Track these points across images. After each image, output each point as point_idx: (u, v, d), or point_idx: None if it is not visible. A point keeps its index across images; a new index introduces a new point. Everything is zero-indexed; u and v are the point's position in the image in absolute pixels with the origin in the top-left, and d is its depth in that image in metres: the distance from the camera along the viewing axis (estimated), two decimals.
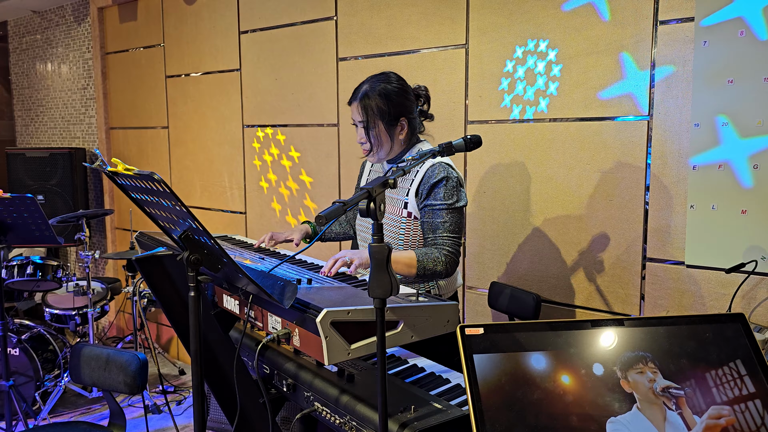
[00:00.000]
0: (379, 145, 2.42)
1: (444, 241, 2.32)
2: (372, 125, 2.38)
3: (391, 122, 2.40)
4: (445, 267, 2.30)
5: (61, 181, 5.54)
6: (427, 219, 2.36)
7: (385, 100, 2.37)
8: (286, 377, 2.13)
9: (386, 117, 2.38)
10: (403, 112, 2.42)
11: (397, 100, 2.40)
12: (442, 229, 2.33)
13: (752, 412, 1.39)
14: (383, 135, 2.40)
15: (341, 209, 1.57)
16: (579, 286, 3.05)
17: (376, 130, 2.39)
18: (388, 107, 2.38)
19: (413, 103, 2.47)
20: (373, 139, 2.40)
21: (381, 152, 2.44)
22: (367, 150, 2.44)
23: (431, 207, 2.34)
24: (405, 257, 2.25)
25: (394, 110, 2.39)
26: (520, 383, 1.42)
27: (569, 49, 2.97)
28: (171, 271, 2.35)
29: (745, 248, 2.55)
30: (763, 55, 2.46)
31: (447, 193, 2.33)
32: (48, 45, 6.11)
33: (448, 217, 2.33)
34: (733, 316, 1.51)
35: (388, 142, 2.42)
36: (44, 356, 4.44)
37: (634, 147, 2.84)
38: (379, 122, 2.38)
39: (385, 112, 2.38)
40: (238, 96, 4.53)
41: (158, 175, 1.55)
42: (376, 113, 2.37)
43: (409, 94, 2.45)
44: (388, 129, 2.40)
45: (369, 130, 2.39)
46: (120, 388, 2.80)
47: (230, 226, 4.75)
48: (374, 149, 2.42)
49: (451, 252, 2.32)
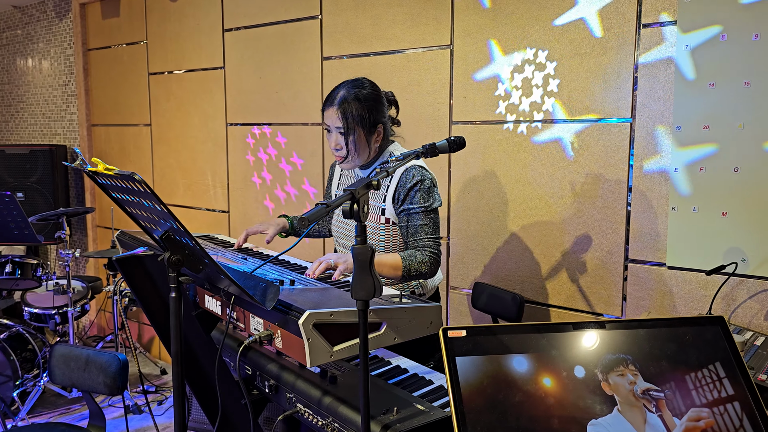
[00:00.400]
0: (357, 152, 2.39)
1: (426, 243, 2.35)
2: (351, 131, 2.35)
3: (370, 129, 2.38)
4: (429, 268, 2.33)
5: (41, 179, 5.48)
6: (405, 223, 2.38)
7: (364, 107, 2.35)
8: (269, 378, 2.12)
9: (366, 124, 2.36)
10: (379, 120, 2.40)
11: (375, 107, 2.39)
12: (422, 232, 2.35)
13: (731, 415, 1.40)
14: (362, 142, 2.38)
15: (324, 211, 1.57)
16: (562, 287, 3.07)
17: (355, 137, 2.36)
18: (368, 114, 2.36)
19: (386, 108, 2.47)
20: (352, 146, 2.37)
21: (357, 159, 2.42)
22: (343, 156, 2.40)
23: (408, 211, 2.36)
24: (391, 261, 2.27)
25: (372, 117, 2.37)
26: (502, 385, 1.42)
27: (554, 52, 2.98)
28: (152, 271, 2.34)
29: (726, 250, 2.57)
30: (743, 59, 2.48)
31: (423, 196, 2.35)
32: (29, 40, 6.05)
33: (427, 219, 2.36)
34: (713, 319, 1.52)
35: (366, 149, 2.41)
36: (23, 356, 4.39)
37: (616, 149, 2.85)
38: (359, 129, 2.36)
39: (365, 119, 2.35)
40: (222, 94, 4.51)
41: (139, 175, 1.53)
42: (356, 120, 2.34)
43: (383, 99, 2.44)
44: (367, 136, 2.39)
45: (348, 137, 2.35)
46: (100, 389, 2.78)
47: (213, 225, 4.72)
48: (351, 156, 2.39)
49: (434, 253, 2.34)
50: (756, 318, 2.55)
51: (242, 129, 4.40)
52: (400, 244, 2.45)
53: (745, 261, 2.53)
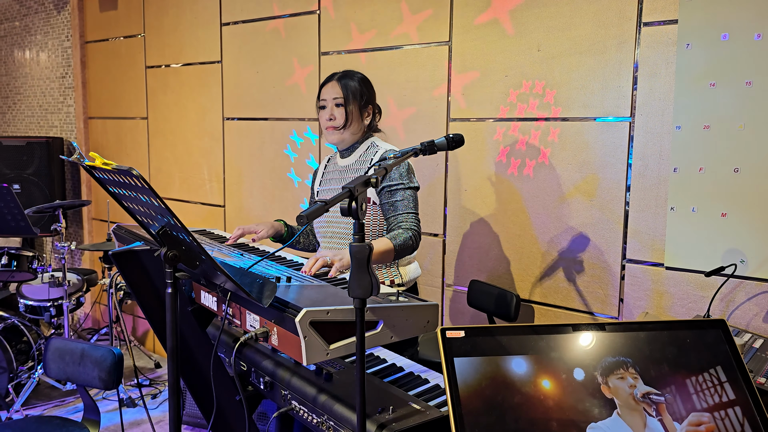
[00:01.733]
0: (351, 122, 2.55)
1: (407, 219, 2.45)
2: (348, 102, 2.54)
3: (364, 106, 2.58)
4: (414, 241, 2.42)
5: (37, 171, 5.45)
6: (387, 200, 2.49)
7: (362, 86, 2.58)
8: (264, 375, 2.10)
9: (360, 99, 2.56)
10: (371, 102, 2.62)
11: (370, 90, 2.63)
12: (402, 207, 2.47)
13: (732, 420, 1.39)
14: (356, 115, 2.56)
15: (323, 208, 1.55)
16: (558, 286, 3.06)
17: (351, 108, 2.55)
18: (364, 91, 2.58)
19: (375, 100, 2.67)
20: (350, 115, 2.54)
21: (350, 130, 2.56)
22: (335, 126, 2.55)
23: (389, 188, 2.48)
24: (383, 247, 2.32)
25: (367, 96, 2.59)
26: (501, 387, 1.41)
27: (552, 49, 2.97)
28: (148, 266, 2.32)
29: (725, 251, 2.56)
30: (745, 59, 2.47)
31: (401, 174, 2.48)
32: (26, 32, 6.01)
33: (407, 194, 2.48)
34: (714, 322, 1.51)
35: (358, 122, 2.57)
36: (18, 347, 4.37)
37: (615, 148, 2.84)
38: (355, 102, 2.55)
39: (361, 95, 2.56)
40: (219, 88, 4.48)
41: (137, 170, 1.52)
42: (354, 93, 2.55)
43: (373, 90, 2.66)
44: (361, 111, 2.57)
45: (346, 107, 2.54)
46: (95, 383, 2.76)
47: (209, 219, 4.70)
48: (346, 125, 2.55)
49: (416, 228, 2.44)
50: (755, 320, 2.55)
51: (238, 123, 4.38)
52: (381, 223, 2.55)
53: (744, 262, 2.52)
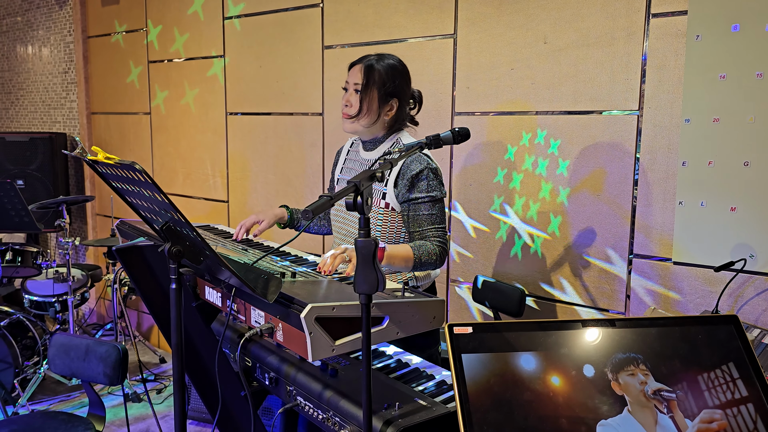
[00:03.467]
0: (365, 112, 2.37)
1: (434, 233, 2.31)
2: (367, 91, 2.35)
3: (384, 97, 2.37)
4: (439, 258, 2.29)
5: (41, 166, 5.44)
6: (412, 213, 2.33)
7: (388, 74, 2.36)
8: (269, 370, 2.09)
9: (382, 89, 2.36)
10: (397, 94, 2.39)
11: (399, 80, 2.39)
12: (429, 221, 2.31)
13: (744, 417, 1.37)
14: (373, 105, 2.36)
15: (328, 203, 1.54)
16: (564, 281, 3.04)
17: (368, 97, 2.35)
18: (388, 81, 2.36)
19: (409, 96, 2.45)
20: (364, 104, 2.35)
21: (363, 120, 2.39)
22: (350, 114, 2.39)
23: (415, 201, 2.32)
24: (402, 253, 2.22)
25: (391, 87, 2.37)
26: (510, 384, 1.39)
27: (559, 41, 2.94)
28: (152, 262, 2.31)
29: (734, 246, 2.54)
30: (756, 51, 2.44)
31: (429, 185, 2.32)
32: (29, 27, 5.99)
33: (434, 209, 2.32)
34: (726, 318, 1.49)
35: (374, 113, 2.38)
36: (23, 343, 4.37)
37: (623, 142, 2.82)
38: (375, 91, 2.35)
39: (383, 84, 2.35)
40: (222, 83, 4.46)
41: (139, 165, 1.50)
42: (376, 80, 2.35)
43: (409, 82, 2.44)
44: (380, 102, 2.37)
45: (363, 94, 2.35)
46: (100, 379, 2.75)
47: (212, 215, 4.69)
48: (360, 114, 2.37)
49: (443, 243, 2.31)
50: (763, 315, 2.52)
51: (241, 118, 4.36)
52: (398, 231, 2.40)
53: (754, 257, 2.50)
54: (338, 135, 3.82)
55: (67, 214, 4.35)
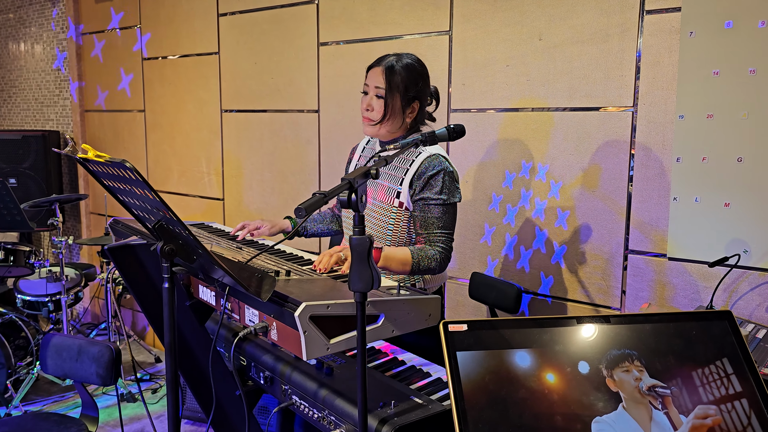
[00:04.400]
0: (389, 118, 2.31)
1: (438, 238, 2.28)
2: (390, 96, 2.29)
3: (408, 101, 2.32)
4: (439, 264, 2.26)
5: (34, 165, 5.41)
6: (421, 213, 2.30)
7: (410, 77, 2.30)
8: (264, 369, 2.08)
9: (405, 93, 2.30)
10: (419, 96, 2.35)
11: (420, 82, 2.34)
12: (436, 225, 2.28)
13: (739, 412, 1.37)
14: (396, 110, 2.31)
15: (321, 201, 1.53)
16: (560, 278, 3.03)
17: (391, 102, 2.29)
18: (411, 85, 2.31)
19: (427, 95, 2.41)
20: (388, 109, 2.29)
21: (386, 126, 2.33)
22: (372, 119, 2.33)
23: (426, 201, 2.28)
24: (400, 255, 2.19)
25: (414, 90, 2.32)
26: (504, 381, 1.38)
27: (554, 38, 2.94)
28: (145, 261, 2.30)
29: (728, 241, 2.54)
30: (749, 47, 2.44)
31: (443, 188, 2.27)
32: (21, 24, 5.96)
33: (443, 213, 2.28)
34: (720, 314, 1.49)
35: (398, 119, 2.33)
36: (16, 343, 4.35)
37: (617, 138, 2.81)
38: (398, 96, 2.30)
39: (407, 88, 2.30)
40: (217, 80, 4.45)
41: (130, 163, 1.49)
42: (398, 85, 2.29)
43: (429, 82, 2.39)
44: (403, 106, 2.32)
45: (386, 100, 2.29)
46: (92, 380, 2.74)
47: (208, 213, 4.68)
48: (383, 120, 2.31)
49: (446, 249, 2.27)
50: (758, 310, 2.53)
51: (236, 116, 4.35)
52: (407, 230, 2.37)
53: (748, 252, 2.50)
54: (334, 132, 3.81)
55: (61, 212, 4.33)
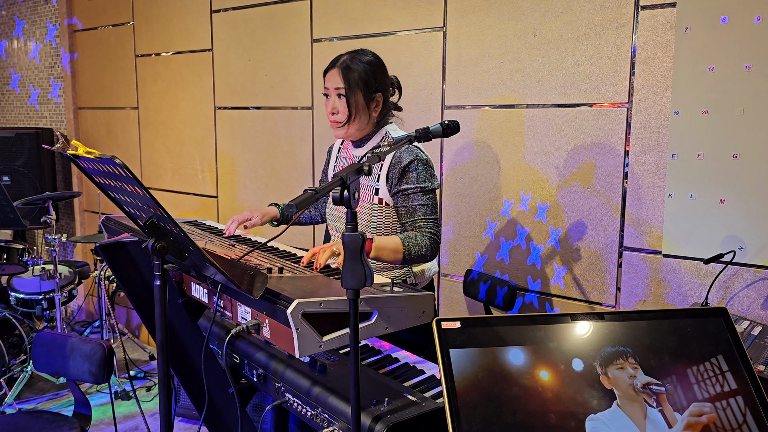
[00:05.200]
0: (355, 116, 2.32)
1: (424, 224, 2.27)
2: (351, 93, 2.29)
3: (369, 95, 2.32)
4: (430, 250, 2.24)
5: (27, 162, 5.39)
6: (403, 204, 2.29)
7: (367, 71, 2.31)
8: (257, 367, 2.07)
9: (366, 89, 2.31)
10: (380, 89, 2.35)
11: (378, 75, 2.34)
12: (420, 212, 2.27)
13: (734, 410, 1.36)
14: (360, 106, 2.32)
15: (312, 197, 1.51)
16: (555, 275, 3.03)
17: (354, 100, 2.30)
18: (370, 79, 2.31)
19: (388, 86, 2.41)
20: (352, 109, 2.30)
21: (354, 124, 2.34)
22: (339, 121, 2.33)
23: (405, 192, 2.28)
24: (391, 244, 2.17)
25: (373, 83, 2.32)
26: (498, 379, 1.37)
27: (548, 34, 2.92)
28: (137, 258, 2.28)
29: (723, 238, 2.53)
30: (744, 43, 2.43)
31: (420, 176, 2.28)
32: (14, 21, 5.93)
33: (425, 200, 2.28)
34: (715, 311, 1.48)
35: (364, 116, 2.34)
36: (10, 341, 4.33)
37: (612, 135, 2.80)
38: (359, 92, 2.30)
39: (366, 84, 2.30)
40: (210, 77, 4.42)
41: (119, 159, 1.47)
42: (357, 82, 2.29)
43: (387, 73, 2.39)
44: (366, 101, 2.33)
45: (348, 99, 2.29)
46: (85, 378, 2.72)
47: (202, 211, 4.66)
48: (349, 120, 2.32)
49: (434, 234, 2.26)
50: (753, 307, 2.52)
51: (230, 113, 4.33)
52: (392, 226, 2.37)
53: (743, 249, 2.49)
54: (328, 129, 3.79)
55: (54, 210, 4.30)
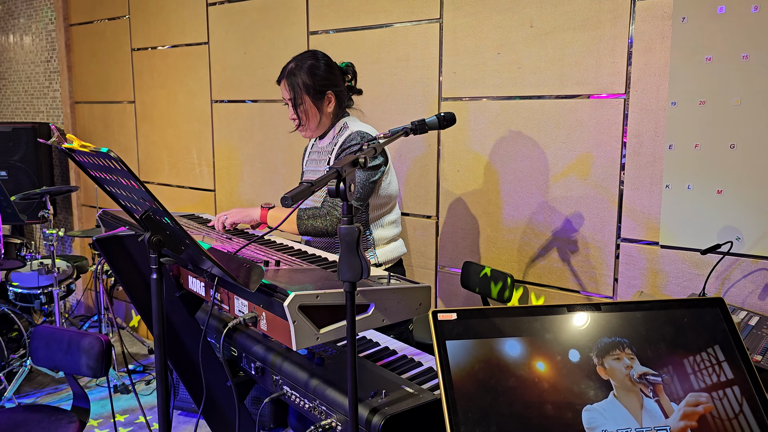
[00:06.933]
0: (307, 120, 2.50)
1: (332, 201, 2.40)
2: (300, 101, 2.47)
3: (317, 96, 2.48)
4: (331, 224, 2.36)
5: (24, 157, 5.38)
6: None
7: (310, 75, 2.46)
8: (255, 360, 2.07)
9: (311, 91, 2.46)
10: (328, 86, 2.50)
11: (322, 75, 2.48)
12: None
13: (730, 399, 1.36)
14: (311, 109, 2.49)
15: (308, 190, 1.51)
16: (552, 266, 3.03)
17: (303, 105, 2.48)
18: (313, 81, 2.46)
19: (340, 78, 2.55)
20: (302, 114, 2.48)
21: (310, 126, 2.52)
22: (301, 127, 2.52)
23: None
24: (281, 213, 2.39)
25: (319, 84, 2.47)
26: (494, 370, 1.37)
27: (545, 25, 2.91)
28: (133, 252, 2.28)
29: (720, 228, 2.53)
30: (742, 33, 2.42)
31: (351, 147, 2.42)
32: (9, 16, 5.91)
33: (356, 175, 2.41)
34: (712, 301, 1.48)
35: (316, 116, 2.50)
36: (9, 336, 4.33)
37: (609, 126, 2.80)
38: (306, 97, 2.47)
39: (311, 86, 2.46)
40: (206, 70, 4.41)
41: (114, 152, 1.47)
42: (302, 88, 2.45)
43: (334, 68, 2.54)
44: (315, 102, 2.48)
45: (297, 106, 2.47)
46: (83, 371, 2.73)
47: (199, 204, 4.65)
48: (303, 124, 2.51)
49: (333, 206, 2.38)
50: (750, 297, 2.52)
51: (227, 106, 4.32)
52: None
53: (740, 240, 2.49)
54: None
55: (52, 205, 4.30)
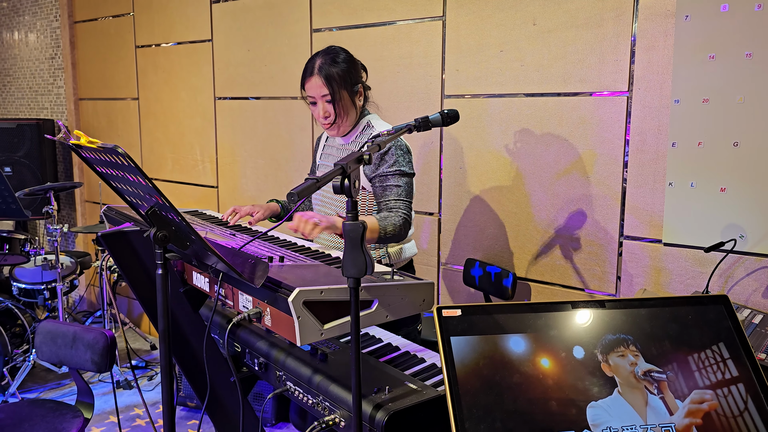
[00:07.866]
0: (345, 115, 2.43)
1: (398, 205, 2.34)
2: (338, 96, 2.38)
3: (353, 89, 2.42)
4: (401, 229, 2.31)
5: (29, 153, 5.39)
6: (379, 185, 2.38)
7: (344, 68, 2.39)
8: (258, 356, 2.08)
9: (348, 85, 2.40)
10: (358, 79, 2.46)
11: (352, 68, 2.43)
12: (395, 193, 2.35)
13: (735, 397, 1.37)
14: (348, 103, 2.42)
15: (314, 186, 1.51)
16: (555, 264, 3.03)
17: (342, 101, 2.40)
18: (348, 75, 2.40)
19: (362, 72, 2.52)
20: (340, 109, 2.40)
21: (347, 121, 2.45)
22: (331, 122, 2.43)
23: (382, 174, 2.37)
24: (369, 223, 2.23)
25: (352, 77, 2.42)
26: (499, 366, 1.38)
27: (548, 22, 2.91)
28: (138, 247, 2.29)
29: (724, 226, 2.53)
30: (745, 30, 2.42)
31: (398, 160, 2.37)
32: (14, 13, 5.92)
33: (401, 182, 2.36)
34: (716, 298, 1.48)
35: (352, 110, 2.45)
36: (12, 331, 4.34)
37: (613, 123, 2.80)
38: (344, 91, 2.39)
39: (347, 80, 2.39)
40: (210, 67, 4.42)
41: (122, 148, 1.47)
42: (340, 82, 2.37)
43: (358, 62, 2.49)
44: (351, 96, 2.42)
45: (336, 102, 2.38)
46: (87, 366, 2.74)
47: (202, 201, 4.66)
48: (340, 119, 2.42)
49: (406, 215, 2.34)
50: (754, 295, 2.52)
51: (230, 103, 4.32)
52: (368, 212, 2.46)
53: (744, 237, 2.49)
54: None
55: (56, 200, 4.30)
